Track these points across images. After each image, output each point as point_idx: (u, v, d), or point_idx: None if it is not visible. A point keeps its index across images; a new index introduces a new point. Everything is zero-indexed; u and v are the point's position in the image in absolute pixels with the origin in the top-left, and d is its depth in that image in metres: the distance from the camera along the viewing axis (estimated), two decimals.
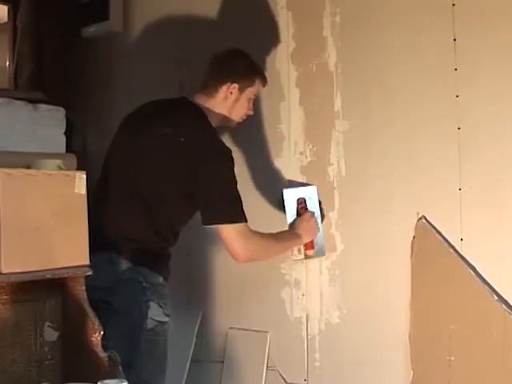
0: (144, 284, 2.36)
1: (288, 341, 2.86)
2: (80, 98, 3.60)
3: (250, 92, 2.61)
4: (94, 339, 2.11)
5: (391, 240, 2.57)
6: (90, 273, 2.11)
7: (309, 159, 2.81)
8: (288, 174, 2.87)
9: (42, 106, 2.50)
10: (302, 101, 2.83)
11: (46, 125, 2.46)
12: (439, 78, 2.44)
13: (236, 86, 2.56)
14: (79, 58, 3.70)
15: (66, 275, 2.08)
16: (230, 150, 2.44)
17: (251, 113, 2.67)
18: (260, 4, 2.98)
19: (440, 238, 2.43)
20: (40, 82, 3.46)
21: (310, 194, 2.73)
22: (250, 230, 2.41)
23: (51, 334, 2.19)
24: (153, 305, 2.35)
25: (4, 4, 3.69)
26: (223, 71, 2.59)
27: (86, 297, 2.14)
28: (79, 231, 2.10)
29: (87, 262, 2.11)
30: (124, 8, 3.52)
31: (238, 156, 2.88)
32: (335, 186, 2.73)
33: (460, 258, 2.37)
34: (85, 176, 2.12)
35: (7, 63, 3.66)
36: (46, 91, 3.05)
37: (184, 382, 3.05)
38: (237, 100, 2.58)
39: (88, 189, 2.13)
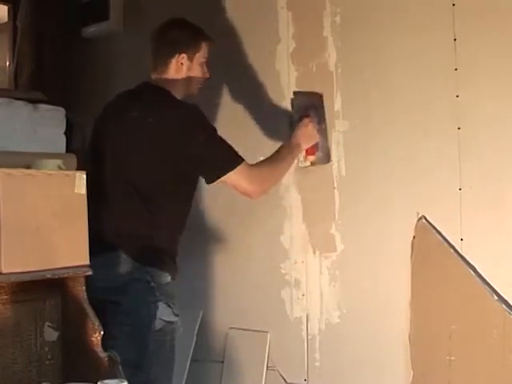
0: (152, 284, 2.35)
1: (288, 341, 2.87)
2: (80, 98, 3.60)
3: (199, 57, 2.59)
4: (94, 339, 2.10)
5: (391, 240, 2.58)
6: (90, 273, 2.10)
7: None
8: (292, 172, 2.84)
9: (42, 106, 2.49)
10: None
11: (46, 125, 2.45)
12: (439, 77, 2.45)
13: (184, 55, 2.55)
14: (79, 58, 3.70)
15: (65, 275, 2.08)
16: (196, 105, 2.44)
17: (207, 75, 2.63)
18: (260, 4, 2.99)
19: (440, 237, 2.43)
20: (40, 82, 3.46)
21: (316, 102, 2.73)
22: (250, 166, 2.45)
23: (51, 334, 2.18)
24: (161, 305, 2.35)
25: (4, 4, 3.70)
26: (167, 46, 2.57)
27: (86, 297, 2.13)
28: (79, 231, 2.09)
29: (87, 262, 2.10)
30: (124, 8, 3.54)
31: None
32: (335, 185, 2.74)
33: (460, 258, 2.38)
34: (85, 176, 2.11)
35: (7, 63, 3.66)
36: (46, 91, 3.04)
37: (184, 381, 3.05)
38: (189, 69, 2.57)
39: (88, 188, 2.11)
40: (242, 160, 2.42)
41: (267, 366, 2.89)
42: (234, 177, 2.41)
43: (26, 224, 1.98)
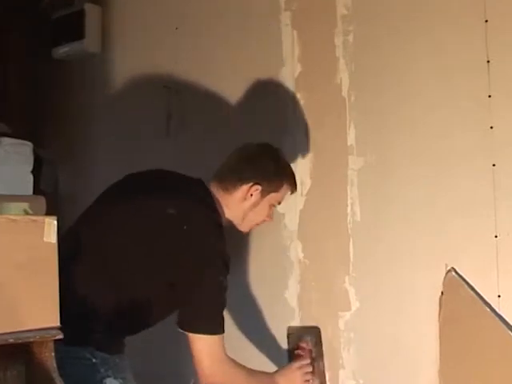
0: (94, 360, 2.33)
1: None
2: (50, 130, 3.62)
3: (273, 198, 2.61)
4: None
5: (415, 296, 2.56)
6: (60, 336, 2.06)
7: (317, 202, 2.83)
8: (293, 217, 2.89)
9: (6, 140, 2.50)
10: (308, 134, 2.86)
11: (10, 162, 2.46)
12: (470, 106, 2.45)
13: (259, 188, 2.56)
14: (49, 83, 3.72)
15: (31, 339, 2.04)
16: (229, 257, 2.41)
17: (271, 220, 2.67)
18: (260, 22, 3.03)
19: (473, 294, 2.42)
20: (3, 111, 3.47)
21: (314, 338, 2.75)
22: (225, 354, 2.38)
23: None
24: (110, 381, 2.33)
25: None
26: (248, 169, 2.58)
27: (55, 365, 2.09)
28: (48, 287, 2.07)
29: (57, 324, 2.07)
30: (102, 25, 3.56)
31: None
32: (349, 232, 2.74)
33: (498, 318, 2.36)
34: (55, 222, 2.10)
35: None
36: (10, 122, 3.06)
37: None
38: (256, 204, 2.58)
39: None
40: (222, 332, 2.37)
41: None
42: (204, 345, 2.33)
43: None
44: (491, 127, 2.40)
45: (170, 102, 3.23)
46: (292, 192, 2.68)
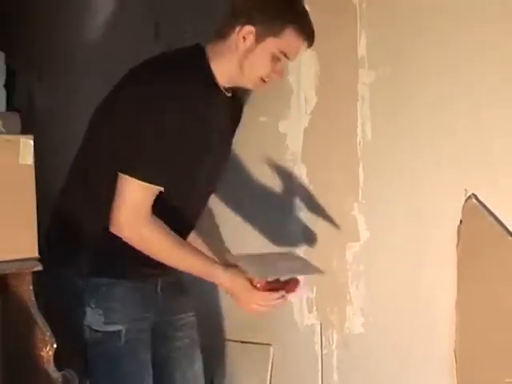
0: (81, 286, 2.31)
1: (297, 356, 2.86)
2: (24, 37, 3.56)
3: (273, 44, 2.32)
4: (43, 354, 2.11)
5: (431, 226, 2.55)
6: (39, 268, 2.09)
7: (324, 121, 2.77)
8: (296, 139, 2.83)
9: None
10: (314, 44, 2.60)
11: None
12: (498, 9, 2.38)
13: (252, 29, 2.31)
14: None
15: (7, 271, 2.07)
16: (194, 94, 2.27)
17: (277, 77, 2.42)
18: None
19: (495, 222, 2.40)
20: None
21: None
22: (150, 213, 2.25)
23: None
24: (89, 311, 2.31)
25: None
26: (240, 4, 2.37)
27: (34, 299, 2.12)
28: (25, 214, 2.08)
29: (36, 254, 2.10)
30: None
31: None
32: (359, 154, 2.70)
33: None
34: (32, 142, 2.09)
35: None
36: None
37: None
38: (250, 50, 2.33)
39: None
40: (153, 182, 2.25)
41: None
42: (124, 183, 2.23)
43: None
44: None
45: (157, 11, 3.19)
46: (306, 44, 2.39)
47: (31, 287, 2.11)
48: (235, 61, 2.34)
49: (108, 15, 3.30)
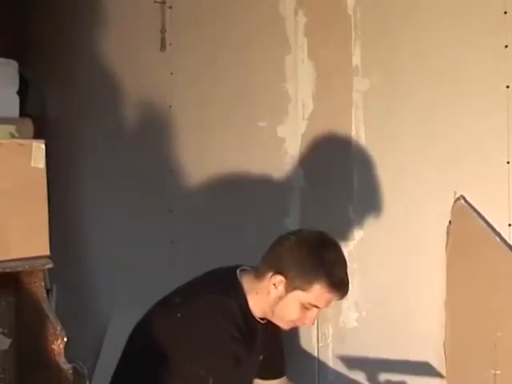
0: None
1: (293, 349, 2.84)
2: (36, 48, 3.57)
3: (301, 297, 2.33)
4: (55, 347, 2.10)
5: (421, 226, 2.57)
6: (50, 265, 2.10)
7: (320, 126, 2.80)
8: (294, 144, 2.86)
9: None
10: (311, 53, 2.82)
11: None
12: (484, 23, 2.42)
13: (282, 279, 2.33)
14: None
15: (20, 269, 2.07)
16: (231, 338, 2.31)
17: (309, 323, 2.42)
18: None
19: (482, 223, 2.43)
20: None
21: None
22: None
23: (2, 342, 2.17)
24: None
25: None
26: (274, 254, 2.39)
27: (45, 295, 2.13)
28: (37, 214, 2.08)
29: (47, 253, 2.10)
30: None
31: (231, 122, 2.89)
32: (353, 158, 2.73)
33: (508, 248, 2.37)
34: (44, 146, 2.09)
35: None
36: None
37: None
38: (281, 298, 2.35)
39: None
40: None
41: None
42: None
43: None
44: (506, 46, 2.38)
45: (163, 17, 3.17)
46: (338, 294, 2.36)
47: (43, 284, 2.10)
48: (267, 304, 2.37)
49: (119, 27, 3.29)
